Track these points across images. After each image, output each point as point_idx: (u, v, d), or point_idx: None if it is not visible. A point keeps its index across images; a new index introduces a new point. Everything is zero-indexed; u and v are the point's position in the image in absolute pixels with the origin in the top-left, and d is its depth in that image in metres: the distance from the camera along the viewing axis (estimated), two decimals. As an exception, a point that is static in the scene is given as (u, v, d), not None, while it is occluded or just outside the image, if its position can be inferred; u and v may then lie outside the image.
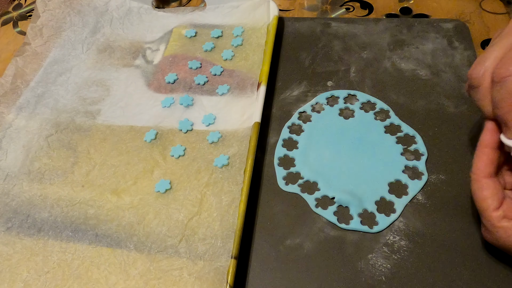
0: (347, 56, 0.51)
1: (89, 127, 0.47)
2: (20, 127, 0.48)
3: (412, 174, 0.41)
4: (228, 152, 0.43)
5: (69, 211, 0.41)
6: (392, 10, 0.56)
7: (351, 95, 0.48)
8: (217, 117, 0.46)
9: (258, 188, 0.41)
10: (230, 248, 0.36)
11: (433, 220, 0.38)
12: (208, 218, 0.39)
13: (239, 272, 0.36)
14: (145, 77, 0.51)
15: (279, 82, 0.50)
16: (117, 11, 0.58)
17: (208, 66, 0.51)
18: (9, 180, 0.43)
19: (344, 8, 0.58)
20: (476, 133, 0.43)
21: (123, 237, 0.38)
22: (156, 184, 0.41)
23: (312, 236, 0.38)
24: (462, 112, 0.45)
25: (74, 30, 0.57)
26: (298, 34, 0.55)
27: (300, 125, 0.46)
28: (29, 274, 0.37)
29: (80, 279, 0.36)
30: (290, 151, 0.44)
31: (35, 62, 0.53)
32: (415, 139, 0.43)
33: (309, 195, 0.40)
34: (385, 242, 0.37)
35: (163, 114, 0.47)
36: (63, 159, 0.45)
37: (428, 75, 0.48)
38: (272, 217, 0.40)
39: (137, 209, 0.40)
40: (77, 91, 0.51)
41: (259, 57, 0.50)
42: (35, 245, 0.39)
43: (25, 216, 0.41)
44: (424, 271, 0.35)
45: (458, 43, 0.51)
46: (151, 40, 0.55)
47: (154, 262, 0.37)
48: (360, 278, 0.35)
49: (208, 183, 0.41)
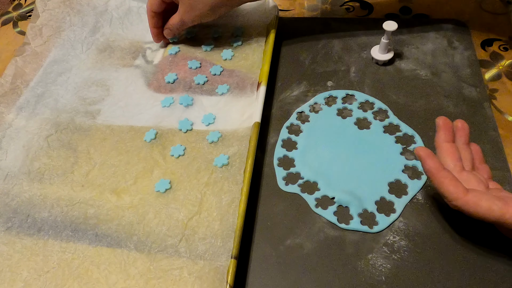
0: (347, 56, 0.51)
1: (89, 127, 0.47)
2: (20, 127, 0.48)
3: (411, 174, 0.41)
4: (228, 151, 0.43)
5: (69, 210, 0.41)
6: (392, 10, 0.56)
7: (350, 95, 0.48)
8: (217, 117, 0.46)
9: (258, 188, 0.41)
10: (230, 247, 0.36)
11: (433, 220, 0.38)
12: (208, 218, 0.39)
13: (239, 272, 0.36)
14: (145, 77, 0.51)
15: (279, 82, 0.50)
16: (117, 11, 0.58)
17: (208, 66, 0.51)
18: (9, 180, 0.43)
19: (344, 8, 0.58)
20: (476, 133, 0.43)
21: (123, 236, 0.38)
22: (156, 184, 0.41)
23: (312, 236, 0.38)
24: (461, 112, 0.45)
25: (73, 30, 0.57)
26: (298, 34, 0.55)
27: (298, 126, 0.46)
28: (29, 273, 0.37)
29: (80, 278, 0.36)
30: (290, 152, 0.44)
31: (35, 62, 0.53)
32: (414, 138, 0.43)
33: (309, 195, 0.40)
34: (385, 242, 0.37)
35: (163, 114, 0.47)
36: (63, 159, 0.45)
37: (428, 75, 0.48)
38: (272, 217, 0.40)
39: (137, 208, 0.40)
40: (77, 91, 0.51)
41: (259, 57, 0.50)
42: (35, 245, 0.39)
43: (25, 215, 0.41)
44: (424, 271, 0.35)
45: (458, 43, 0.51)
46: (151, 40, 0.55)
47: (154, 261, 0.37)
48: (360, 278, 0.35)
49: (208, 183, 0.41)
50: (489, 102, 0.45)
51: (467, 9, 0.55)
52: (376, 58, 0.49)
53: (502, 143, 0.42)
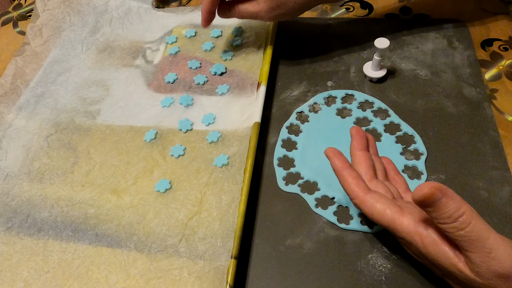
0: (347, 56, 0.51)
1: (89, 127, 0.47)
2: (20, 127, 0.48)
3: (411, 174, 0.41)
4: (228, 151, 0.43)
5: (69, 210, 0.41)
6: (392, 10, 0.56)
7: (349, 95, 0.48)
8: (216, 117, 0.46)
9: (258, 188, 0.42)
10: (230, 247, 0.36)
11: (433, 220, 0.38)
12: (208, 218, 0.39)
13: (239, 272, 0.36)
14: (145, 77, 0.51)
15: (279, 82, 0.50)
16: (117, 11, 0.58)
17: (208, 66, 0.51)
18: (9, 180, 0.43)
19: (344, 8, 0.58)
20: (476, 133, 0.43)
21: (123, 236, 0.38)
22: (156, 184, 0.41)
23: (312, 236, 0.38)
24: (461, 111, 0.45)
25: (73, 30, 0.57)
26: (298, 34, 0.55)
27: (298, 126, 0.46)
28: (29, 273, 0.37)
29: (80, 278, 0.36)
30: (290, 152, 0.44)
31: (35, 62, 0.53)
32: (415, 138, 0.43)
33: (309, 195, 0.40)
34: (385, 242, 0.37)
35: (163, 113, 0.47)
36: (63, 159, 0.45)
37: (428, 75, 0.48)
38: (272, 217, 0.40)
39: (137, 208, 0.40)
40: (77, 91, 0.51)
41: (259, 57, 0.50)
42: (35, 245, 0.39)
43: (25, 216, 0.41)
44: (424, 271, 0.35)
45: (458, 43, 0.51)
46: (151, 40, 0.55)
47: (154, 261, 0.37)
48: (360, 278, 0.35)
49: (208, 183, 0.41)
50: (489, 102, 0.45)
51: (467, 9, 0.55)
52: (369, 76, 0.48)
53: (502, 143, 0.42)
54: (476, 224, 0.26)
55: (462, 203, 0.27)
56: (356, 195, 0.32)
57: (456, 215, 0.26)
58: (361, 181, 0.33)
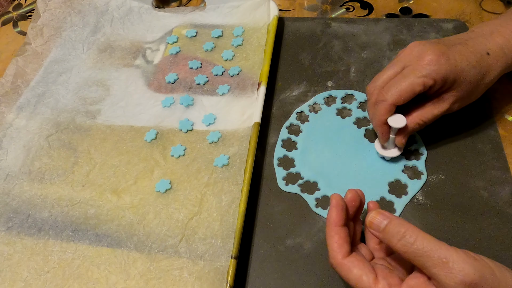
0: (347, 56, 0.51)
1: (90, 127, 0.47)
2: (21, 127, 0.48)
3: (411, 174, 0.41)
4: (228, 152, 0.43)
5: (69, 210, 0.41)
6: (392, 10, 0.56)
7: (349, 94, 0.48)
8: (217, 117, 0.46)
9: (258, 188, 0.42)
10: (230, 248, 0.36)
11: (433, 220, 0.38)
12: (208, 218, 0.39)
13: (239, 272, 0.36)
14: (145, 77, 0.51)
15: (279, 82, 0.50)
16: (118, 11, 0.58)
17: (209, 66, 0.51)
18: (10, 180, 0.44)
19: (344, 8, 0.58)
20: (476, 133, 0.43)
21: (123, 237, 0.39)
22: (156, 184, 0.41)
23: (312, 236, 0.38)
24: (461, 111, 0.45)
25: (74, 30, 0.57)
26: (298, 34, 0.55)
27: (298, 126, 0.46)
28: (30, 273, 0.37)
29: (80, 278, 0.37)
30: (290, 152, 0.44)
31: (35, 62, 0.53)
32: (415, 138, 0.43)
33: (309, 195, 0.40)
34: (384, 242, 0.37)
35: (163, 114, 0.47)
36: (64, 158, 0.45)
37: (428, 75, 0.48)
38: (272, 217, 0.40)
39: (137, 209, 0.40)
40: (78, 91, 0.51)
41: (259, 57, 0.51)
42: (36, 245, 0.39)
43: (26, 215, 0.41)
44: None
45: (458, 43, 0.51)
46: (151, 40, 0.55)
47: (154, 262, 0.37)
48: (360, 278, 0.35)
49: (208, 183, 0.41)
50: (489, 102, 0.45)
51: (467, 9, 0.55)
52: (382, 154, 0.41)
53: (502, 143, 0.42)
54: (425, 237, 0.28)
55: (404, 223, 0.29)
56: (334, 255, 0.31)
57: (400, 234, 0.29)
58: (344, 244, 0.31)
